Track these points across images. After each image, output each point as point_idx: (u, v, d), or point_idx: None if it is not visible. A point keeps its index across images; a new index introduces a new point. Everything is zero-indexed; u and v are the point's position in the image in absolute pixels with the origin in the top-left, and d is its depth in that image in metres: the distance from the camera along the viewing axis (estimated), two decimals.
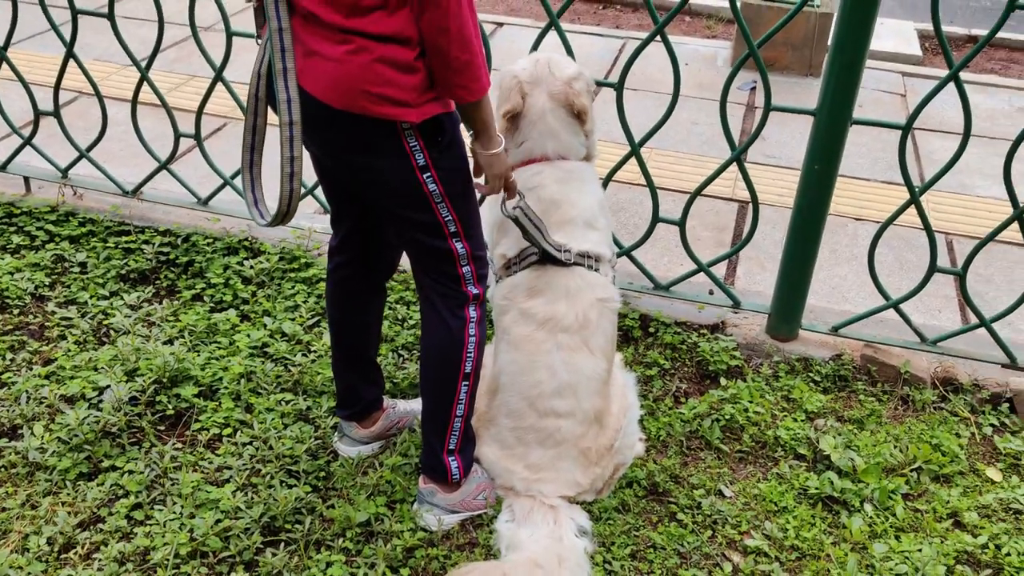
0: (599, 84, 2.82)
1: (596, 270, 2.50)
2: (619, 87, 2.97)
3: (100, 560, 2.30)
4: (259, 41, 2.08)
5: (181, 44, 5.37)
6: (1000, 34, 6.16)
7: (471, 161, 2.22)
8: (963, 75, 6.03)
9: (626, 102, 3.02)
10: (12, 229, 3.61)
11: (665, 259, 3.78)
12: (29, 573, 2.25)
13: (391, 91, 1.97)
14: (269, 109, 2.13)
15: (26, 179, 3.82)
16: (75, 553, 2.33)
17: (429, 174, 2.10)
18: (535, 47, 2.94)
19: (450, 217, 2.18)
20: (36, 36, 4.26)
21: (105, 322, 3.17)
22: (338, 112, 2.00)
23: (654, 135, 3.04)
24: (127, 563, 2.31)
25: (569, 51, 2.90)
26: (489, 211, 2.60)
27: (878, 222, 4.02)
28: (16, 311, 3.22)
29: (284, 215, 2.13)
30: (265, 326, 3.15)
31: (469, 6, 1.94)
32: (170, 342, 3.05)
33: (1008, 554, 2.46)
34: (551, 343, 2.44)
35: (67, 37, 3.41)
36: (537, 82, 2.49)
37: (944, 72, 6.04)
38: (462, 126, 2.16)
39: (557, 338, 2.45)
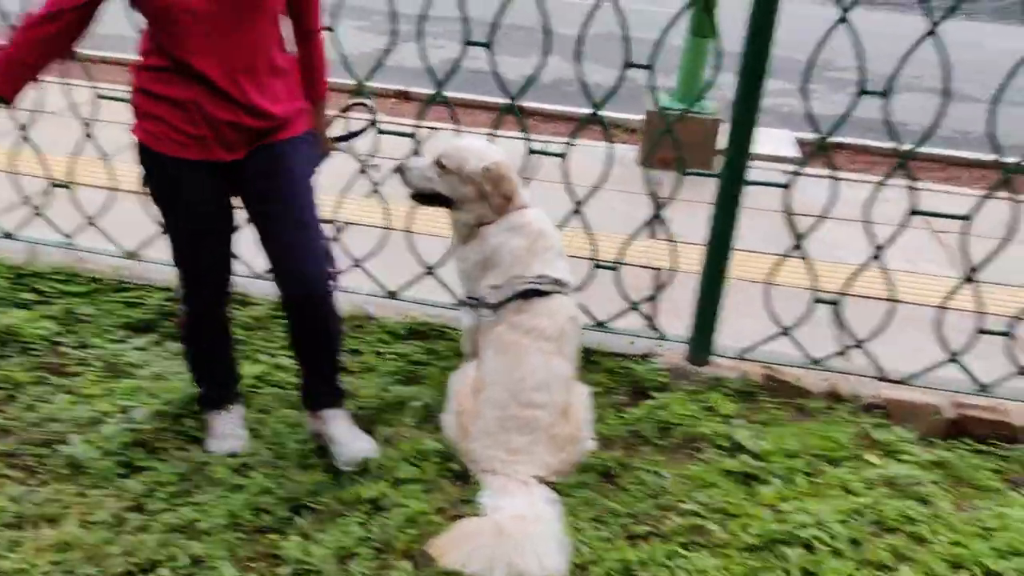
0: (547, 154, 3.63)
1: (566, 295, 3.17)
2: (564, 156, 3.69)
3: (155, 528, 2.73)
4: None
5: None
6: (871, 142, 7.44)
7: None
8: (842, 174, 7.09)
9: (552, 195, 3.79)
10: (23, 288, 4.04)
11: (601, 309, 4.43)
12: (97, 539, 2.66)
13: None
14: None
15: (33, 245, 4.27)
16: (130, 526, 2.75)
17: None
18: (495, 126, 3.66)
19: None
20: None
21: (119, 360, 3.61)
22: None
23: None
24: (176, 532, 2.74)
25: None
26: (471, 250, 3.23)
27: (774, 284, 4.77)
28: (36, 353, 3.64)
29: None
30: (263, 361, 3.65)
31: None
32: (180, 374, 3.51)
33: (885, 511, 3.11)
34: (534, 348, 3.08)
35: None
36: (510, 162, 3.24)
37: (820, 170, 7.07)
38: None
39: (539, 344, 3.09)
